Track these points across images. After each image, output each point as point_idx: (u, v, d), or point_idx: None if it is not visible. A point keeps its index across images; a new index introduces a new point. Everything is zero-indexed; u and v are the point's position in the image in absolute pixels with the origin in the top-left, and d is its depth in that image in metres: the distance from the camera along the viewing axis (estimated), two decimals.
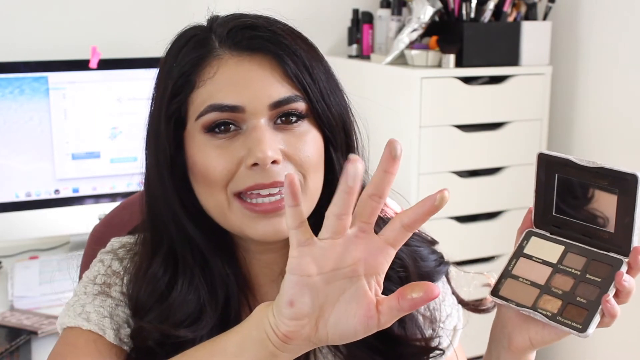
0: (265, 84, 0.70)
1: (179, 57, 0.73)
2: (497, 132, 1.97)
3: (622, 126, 1.93)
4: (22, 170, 1.77)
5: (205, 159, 0.71)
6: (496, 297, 0.73)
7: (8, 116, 1.74)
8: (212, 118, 0.70)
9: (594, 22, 2.00)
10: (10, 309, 1.57)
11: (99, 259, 0.81)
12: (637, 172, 0.65)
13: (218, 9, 0.78)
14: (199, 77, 0.71)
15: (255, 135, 0.69)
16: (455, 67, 1.90)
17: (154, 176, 0.75)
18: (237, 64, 0.71)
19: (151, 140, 0.76)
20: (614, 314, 0.67)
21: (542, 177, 0.72)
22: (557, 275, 0.71)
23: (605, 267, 0.68)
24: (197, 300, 0.73)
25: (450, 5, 1.94)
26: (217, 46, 0.72)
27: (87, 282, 0.79)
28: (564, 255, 0.71)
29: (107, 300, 0.76)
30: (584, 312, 0.67)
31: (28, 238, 1.89)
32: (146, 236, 0.79)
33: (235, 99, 0.69)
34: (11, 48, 1.88)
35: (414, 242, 0.85)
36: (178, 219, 0.74)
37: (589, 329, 0.66)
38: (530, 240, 0.74)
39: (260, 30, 0.72)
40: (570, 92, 2.09)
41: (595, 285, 0.68)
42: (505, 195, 2.01)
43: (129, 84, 1.83)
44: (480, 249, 1.99)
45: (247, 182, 0.70)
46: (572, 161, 0.69)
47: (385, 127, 1.99)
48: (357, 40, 2.17)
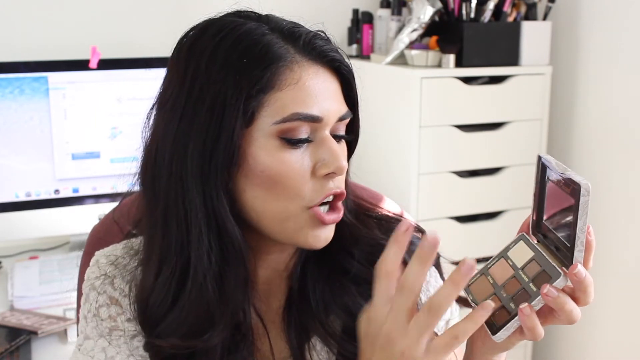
0: (337, 97, 0.73)
1: (252, 54, 0.70)
2: (497, 132, 1.97)
3: (622, 126, 1.93)
4: (22, 170, 1.77)
5: (281, 165, 0.70)
6: (465, 290, 0.73)
7: (8, 116, 1.74)
8: (294, 126, 0.70)
9: (594, 22, 2.00)
10: (10, 309, 1.57)
11: (91, 283, 0.79)
12: (583, 181, 0.61)
13: (218, 8, 0.77)
14: (280, 80, 0.69)
15: (330, 146, 0.71)
16: (455, 67, 1.90)
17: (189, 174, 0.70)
18: (315, 74, 0.72)
19: (193, 134, 0.69)
20: (528, 325, 0.64)
21: (539, 181, 0.70)
22: (512, 280, 0.70)
23: (547, 278, 0.66)
24: (206, 310, 0.71)
25: (450, 5, 1.94)
26: (294, 51, 0.71)
27: (91, 320, 0.77)
28: (528, 262, 0.70)
29: (121, 337, 0.75)
30: (506, 317, 0.67)
31: (28, 238, 1.89)
32: (150, 242, 0.75)
33: (318, 109, 0.70)
34: (11, 48, 1.88)
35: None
36: (217, 221, 0.70)
37: (499, 333, 0.66)
38: (518, 244, 0.73)
39: (329, 42, 0.75)
40: (570, 92, 2.10)
41: (529, 295, 0.66)
42: (505, 195, 2.01)
43: (129, 84, 1.83)
44: (480, 249, 1.99)
45: (324, 192, 0.72)
46: (552, 165, 0.67)
47: (385, 127, 1.99)
48: (357, 40, 2.17)
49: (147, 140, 0.75)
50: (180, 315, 0.71)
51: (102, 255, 0.81)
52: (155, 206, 0.73)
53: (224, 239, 0.71)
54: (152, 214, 0.74)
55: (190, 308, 0.71)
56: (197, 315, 0.71)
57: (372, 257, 0.79)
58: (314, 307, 0.78)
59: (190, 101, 0.70)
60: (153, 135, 0.74)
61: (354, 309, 0.76)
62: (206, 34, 0.73)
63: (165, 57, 0.78)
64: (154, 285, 0.73)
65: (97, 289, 0.78)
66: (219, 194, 0.70)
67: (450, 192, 1.95)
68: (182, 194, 0.70)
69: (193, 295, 0.70)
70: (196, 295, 0.70)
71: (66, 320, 1.50)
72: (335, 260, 0.80)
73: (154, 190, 0.73)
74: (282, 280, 0.81)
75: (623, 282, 1.91)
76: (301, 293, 0.80)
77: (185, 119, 0.70)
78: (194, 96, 0.70)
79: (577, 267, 0.63)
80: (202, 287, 0.70)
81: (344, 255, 0.80)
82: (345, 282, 0.79)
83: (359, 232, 0.81)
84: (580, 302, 0.65)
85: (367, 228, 0.82)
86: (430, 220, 1.92)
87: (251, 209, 0.72)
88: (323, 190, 0.71)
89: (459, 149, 1.93)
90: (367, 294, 0.78)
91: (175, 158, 0.70)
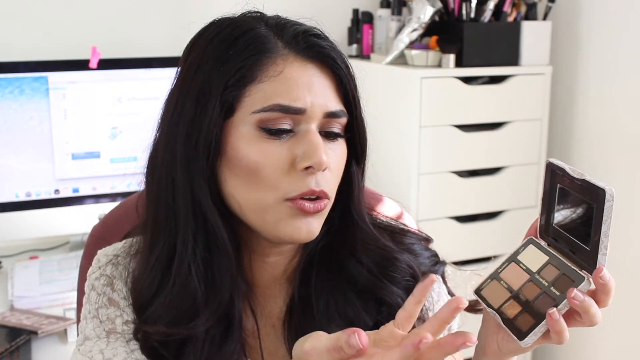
0: (326, 92, 0.72)
1: (238, 46, 0.71)
2: (497, 132, 1.97)
3: (621, 126, 1.93)
4: (22, 170, 1.77)
5: (258, 156, 0.70)
6: (477, 295, 0.74)
7: (8, 116, 1.74)
8: (274, 117, 0.70)
9: (594, 22, 2.00)
10: (10, 309, 1.57)
11: (91, 284, 0.79)
12: (607, 187, 0.62)
13: (217, 9, 0.77)
14: (262, 72, 0.70)
15: (311, 139, 0.70)
16: (455, 67, 1.90)
17: (177, 162, 0.72)
18: (301, 67, 0.72)
19: (180, 124, 0.72)
20: (556, 329, 0.65)
21: (547, 186, 0.71)
22: (529, 284, 0.70)
23: (569, 282, 0.66)
24: (191, 298, 0.71)
25: (450, 5, 1.94)
26: (281, 46, 0.72)
27: (90, 322, 0.77)
28: (544, 266, 0.71)
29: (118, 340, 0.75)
30: (532, 322, 0.67)
31: (28, 238, 1.89)
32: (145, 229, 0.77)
33: (300, 101, 0.70)
34: (11, 48, 1.88)
35: (409, 240, 0.85)
36: (200, 209, 0.71)
37: (527, 338, 0.66)
38: (527, 247, 0.74)
39: (324, 39, 0.74)
40: (570, 92, 2.10)
41: (552, 299, 0.67)
42: (505, 195, 2.01)
43: (129, 84, 1.83)
44: (480, 249, 1.99)
45: (301, 187, 0.70)
46: (566, 171, 0.67)
47: (386, 127, 1.99)
48: (357, 40, 2.17)
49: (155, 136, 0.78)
50: (165, 301, 0.72)
51: (103, 254, 0.82)
52: (150, 195, 0.76)
53: (207, 228, 0.72)
54: (149, 204, 0.76)
55: (174, 294, 0.72)
56: (181, 303, 0.72)
57: (383, 268, 0.80)
58: (317, 316, 0.78)
59: (182, 92, 0.73)
60: (157, 129, 0.77)
61: (357, 321, 0.77)
62: (208, 30, 0.75)
63: (165, 57, 0.78)
64: (144, 270, 0.74)
65: (97, 289, 0.79)
66: (201, 183, 0.71)
67: (450, 192, 1.95)
68: (172, 183, 0.72)
69: (177, 282, 0.72)
70: (180, 282, 0.72)
71: (66, 320, 1.50)
72: (343, 266, 0.79)
73: (152, 181, 0.76)
74: (282, 285, 0.81)
75: (623, 282, 1.90)
76: (304, 300, 0.79)
77: (176, 110, 0.73)
78: (185, 87, 0.73)
79: (603, 271, 0.64)
80: (186, 274, 0.71)
81: (353, 262, 0.79)
82: (351, 294, 0.79)
83: (371, 239, 0.80)
84: (600, 304, 0.66)
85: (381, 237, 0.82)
86: (430, 220, 1.92)
87: (233, 199, 0.73)
88: (301, 184, 0.70)
89: (459, 149, 1.93)
90: (371, 306, 0.78)
91: (167, 148, 0.73)
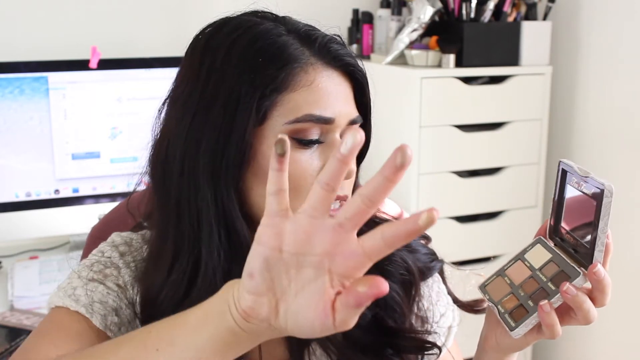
0: (348, 100, 0.74)
1: (268, 54, 0.70)
2: (497, 132, 1.97)
3: (622, 126, 1.93)
4: (22, 170, 1.77)
5: (291, 165, 0.68)
6: (482, 290, 0.75)
7: (8, 116, 1.74)
8: (307, 127, 0.70)
9: (594, 22, 2.00)
10: (10, 309, 1.57)
11: (100, 249, 0.81)
12: (606, 183, 0.62)
13: (217, 9, 0.77)
14: (295, 82, 0.70)
15: None
16: (455, 67, 1.90)
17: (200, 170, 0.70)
18: (329, 76, 0.72)
19: (206, 131, 0.70)
20: (547, 322, 0.65)
21: (558, 186, 0.71)
22: (530, 280, 0.71)
23: (566, 278, 0.67)
24: None
25: (450, 5, 1.94)
26: (309, 54, 0.72)
27: (83, 267, 0.78)
28: (546, 263, 0.72)
29: (99, 287, 0.75)
30: (524, 314, 0.68)
31: (28, 238, 1.89)
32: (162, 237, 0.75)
33: (329, 111, 0.71)
34: (11, 48, 1.88)
35: None
36: (229, 220, 0.70)
37: (517, 329, 0.67)
38: (535, 247, 0.75)
39: (346, 48, 0.75)
40: (570, 92, 2.10)
41: (547, 293, 0.68)
42: (505, 195, 2.01)
43: (129, 84, 1.83)
44: (480, 249, 1.99)
45: None
46: (574, 170, 0.68)
47: (385, 127, 1.99)
48: (357, 40, 2.17)
49: (157, 136, 0.76)
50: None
51: (118, 235, 0.83)
52: (167, 202, 0.73)
53: (232, 237, 0.71)
54: (164, 210, 0.74)
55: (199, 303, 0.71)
56: None
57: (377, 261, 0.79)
58: None
59: (204, 98, 0.71)
60: (164, 131, 0.75)
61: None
62: (222, 31, 0.73)
63: (165, 57, 0.78)
64: (166, 280, 0.73)
65: (104, 252, 0.80)
66: (229, 192, 0.70)
67: (450, 192, 1.95)
68: (194, 190, 0.71)
69: (203, 291, 0.70)
70: (206, 290, 0.70)
71: None
72: None
73: (164, 186, 0.73)
74: None
75: (624, 282, 1.91)
76: None
77: (198, 116, 0.71)
78: (208, 93, 0.71)
79: (597, 266, 0.64)
80: (211, 283, 0.70)
81: None
82: None
83: None
84: (597, 303, 0.66)
85: None
86: None
87: (259, 208, 0.72)
88: None
89: (459, 149, 1.93)
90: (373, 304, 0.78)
91: (187, 154, 0.71)
